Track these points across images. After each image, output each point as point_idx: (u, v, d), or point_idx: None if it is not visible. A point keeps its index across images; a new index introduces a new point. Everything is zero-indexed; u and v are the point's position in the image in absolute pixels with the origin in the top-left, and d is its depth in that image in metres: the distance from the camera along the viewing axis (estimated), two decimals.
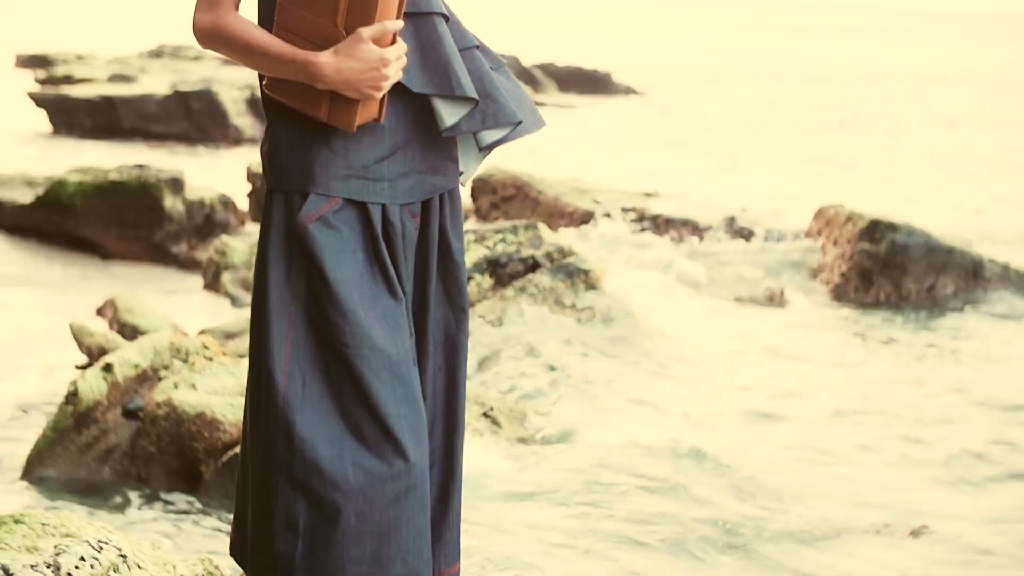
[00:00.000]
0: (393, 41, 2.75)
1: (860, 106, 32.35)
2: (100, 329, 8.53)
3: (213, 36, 2.80)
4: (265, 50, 2.75)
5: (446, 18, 2.89)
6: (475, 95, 2.85)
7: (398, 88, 2.82)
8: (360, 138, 2.82)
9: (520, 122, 2.94)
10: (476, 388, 7.44)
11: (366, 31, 2.70)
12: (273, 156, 2.85)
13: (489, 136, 2.96)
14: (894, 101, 34.06)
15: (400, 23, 2.74)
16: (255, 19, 2.88)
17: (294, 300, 2.79)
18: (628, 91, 34.03)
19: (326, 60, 2.70)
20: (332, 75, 2.70)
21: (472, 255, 8.96)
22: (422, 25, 2.84)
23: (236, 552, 2.97)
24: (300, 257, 2.79)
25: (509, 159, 18.57)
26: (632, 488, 6.35)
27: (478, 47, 2.95)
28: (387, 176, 2.85)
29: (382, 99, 2.78)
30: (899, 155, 22.79)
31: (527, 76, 31.44)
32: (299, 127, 2.82)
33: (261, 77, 2.87)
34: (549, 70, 33.34)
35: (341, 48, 2.70)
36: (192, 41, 32.64)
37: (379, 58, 2.70)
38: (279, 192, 2.83)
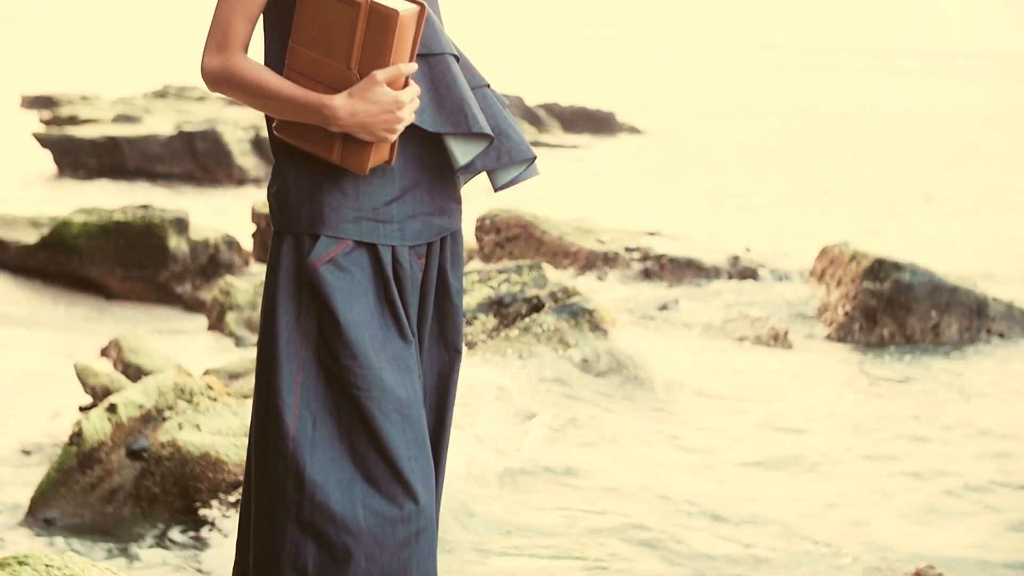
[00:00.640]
0: (406, 84, 2.77)
1: (862, 143, 32.38)
2: (104, 370, 8.53)
3: (222, 80, 2.79)
4: (277, 93, 2.75)
5: (457, 58, 2.91)
6: (490, 131, 2.86)
7: (408, 129, 2.83)
8: (370, 180, 2.82)
9: (535, 157, 2.95)
10: (464, 419, 7.43)
11: (381, 74, 2.70)
12: (282, 198, 2.85)
13: (504, 176, 2.96)
14: (896, 139, 34.10)
15: (414, 66, 2.75)
16: (262, 61, 2.89)
17: (304, 342, 2.79)
18: (632, 130, 34.09)
19: (341, 103, 2.70)
20: (347, 118, 2.70)
21: (476, 295, 8.96)
22: (434, 65, 2.85)
23: None
24: (310, 299, 2.79)
25: (513, 199, 18.59)
26: (623, 532, 6.32)
27: (487, 86, 2.97)
28: (396, 218, 2.85)
29: (394, 141, 2.79)
30: (901, 193, 22.80)
31: (531, 116, 31.49)
32: (308, 169, 2.82)
33: (269, 119, 2.87)
34: (553, 110, 33.40)
35: (356, 91, 2.70)
36: (196, 81, 32.76)
37: (394, 101, 2.71)
38: (288, 234, 2.83)
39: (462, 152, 2.90)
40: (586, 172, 25.12)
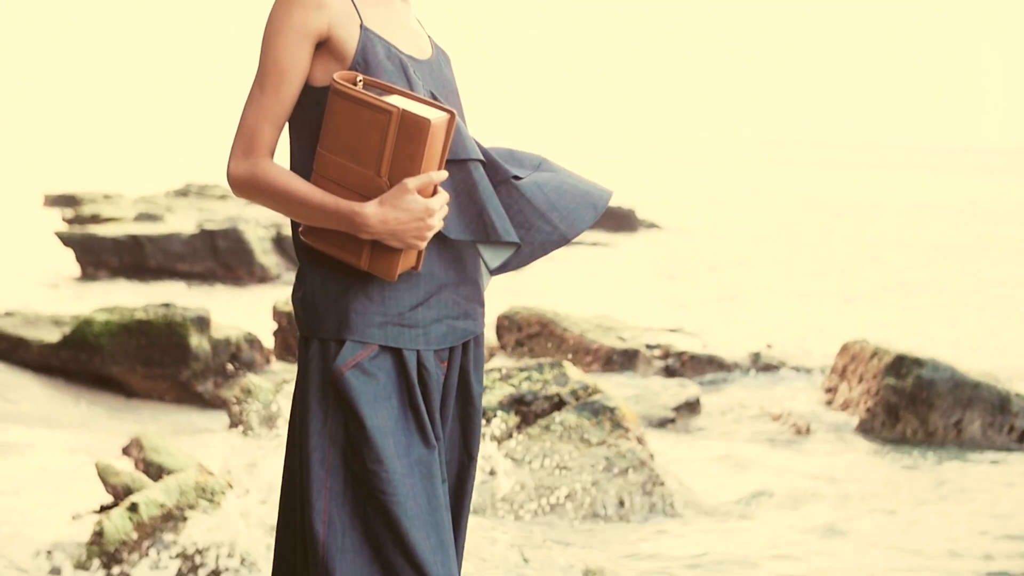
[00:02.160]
0: (434, 191, 2.78)
1: (877, 236, 32.44)
2: (126, 468, 8.51)
3: (250, 186, 2.81)
4: (306, 200, 2.76)
5: (482, 162, 2.92)
6: (514, 238, 2.87)
7: (433, 235, 2.85)
8: (396, 285, 2.84)
9: (574, 236, 2.96)
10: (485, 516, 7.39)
11: (412, 182, 2.71)
12: (308, 303, 2.86)
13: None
14: (914, 232, 34.15)
15: (444, 174, 2.76)
16: (286, 165, 2.90)
17: (331, 447, 2.79)
18: (652, 226, 34.25)
19: (372, 211, 2.71)
20: (378, 225, 2.71)
21: (497, 393, 8.94)
22: (457, 172, 2.87)
23: None
24: (336, 404, 2.79)
25: (534, 296, 18.63)
26: None
27: (515, 177, 2.98)
28: (422, 322, 2.86)
29: (422, 248, 2.79)
30: (920, 287, 22.80)
31: None
32: (334, 274, 2.84)
33: (295, 223, 2.88)
34: None
35: (387, 198, 2.71)
36: (217, 179, 33.07)
37: (424, 209, 2.72)
38: (315, 339, 2.84)
39: (491, 256, 2.92)
40: (607, 269, 25.18)
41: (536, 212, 2.94)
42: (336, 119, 2.73)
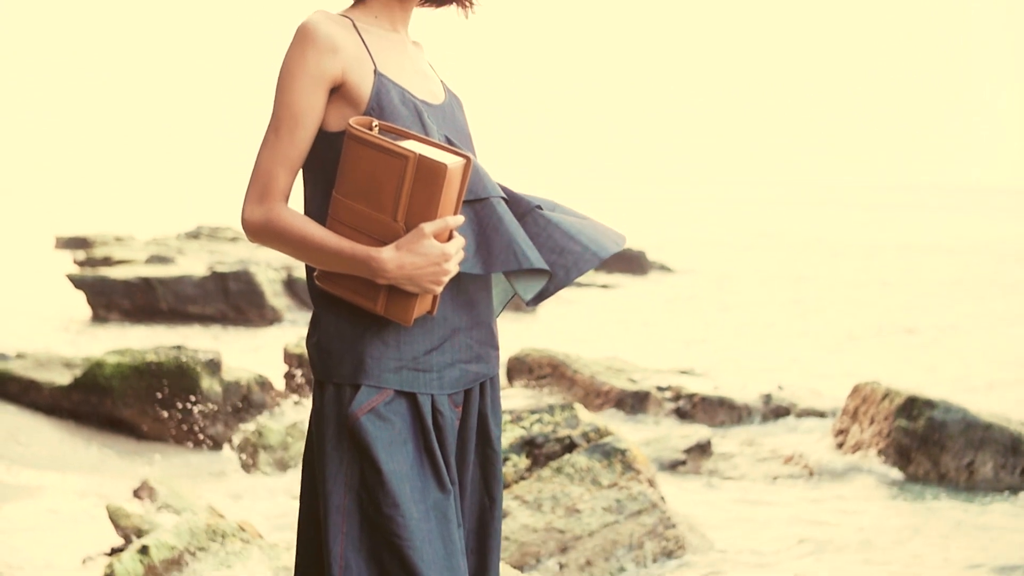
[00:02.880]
0: (450, 236, 2.79)
1: (887, 277, 32.43)
2: (137, 511, 8.51)
3: (265, 232, 2.81)
4: (322, 245, 2.75)
5: (504, 198, 2.93)
6: (544, 265, 2.87)
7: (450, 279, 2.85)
8: (411, 330, 2.84)
9: (605, 257, 2.96)
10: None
11: (428, 227, 2.71)
12: (323, 347, 2.86)
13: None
14: (921, 272, 34.14)
15: (461, 218, 2.77)
16: (300, 210, 2.91)
17: (347, 492, 2.79)
18: (662, 268, 34.29)
19: (388, 256, 2.71)
20: (394, 270, 2.71)
21: (508, 435, 8.93)
22: (480, 209, 2.88)
23: None
24: (352, 448, 2.79)
25: (545, 338, 18.63)
26: None
27: (538, 208, 2.98)
28: (436, 367, 2.86)
29: (437, 293, 2.80)
30: (928, 327, 22.77)
31: None
32: (349, 318, 2.84)
33: (310, 268, 2.89)
34: None
35: (403, 243, 2.71)
36: (228, 222, 33.17)
37: (441, 253, 2.72)
38: (330, 383, 2.84)
39: (525, 288, 2.92)
40: (617, 311, 25.18)
41: (565, 235, 2.94)
42: (352, 164, 2.73)
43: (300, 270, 23.82)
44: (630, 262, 33.74)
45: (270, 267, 23.27)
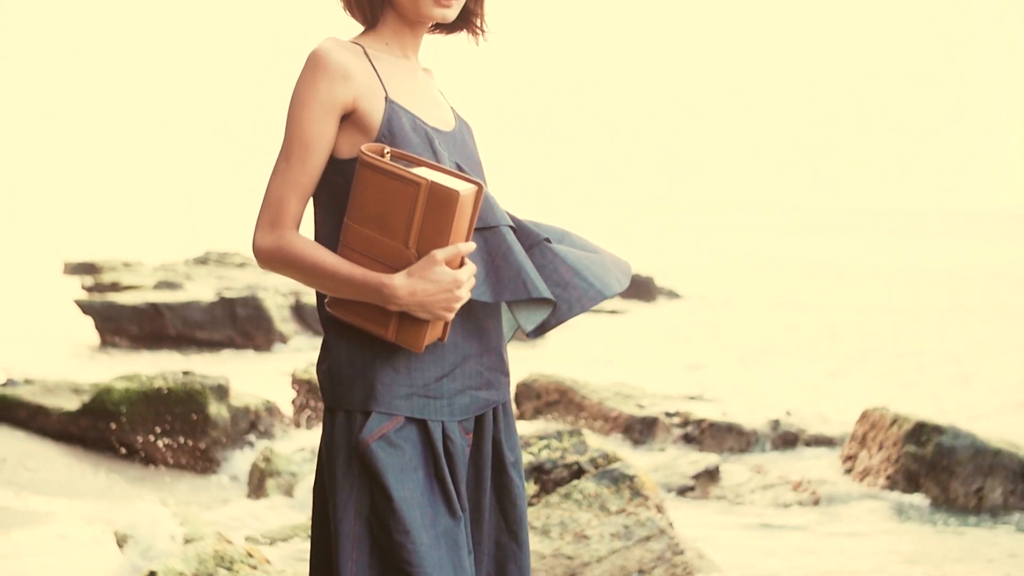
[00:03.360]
0: (462, 262, 2.79)
1: (895, 303, 32.42)
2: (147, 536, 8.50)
3: (276, 259, 2.81)
4: (334, 272, 2.75)
5: (512, 227, 2.94)
6: (550, 295, 2.88)
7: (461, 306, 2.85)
8: (422, 356, 2.84)
9: (610, 295, 2.96)
10: None
11: (440, 253, 2.71)
12: (333, 374, 2.86)
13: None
14: (928, 298, 34.13)
15: (473, 245, 2.77)
16: (310, 236, 2.91)
17: (357, 518, 2.78)
18: (670, 294, 34.29)
19: (400, 282, 2.71)
20: (406, 297, 2.71)
21: None
22: (490, 237, 2.88)
23: None
24: (362, 475, 2.78)
25: (553, 364, 18.62)
26: None
27: (546, 240, 2.99)
28: (446, 393, 2.86)
29: (448, 319, 2.80)
30: (935, 352, 22.75)
31: None
32: (360, 345, 2.84)
33: (320, 295, 2.89)
34: None
35: (415, 270, 2.71)
36: (237, 247, 33.23)
37: (452, 280, 2.72)
38: (340, 410, 2.84)
39: (527, 319, 2.92)
40: (626, 336, 25.17)
41: (571, 270, 2.94)
42: (364, 191, 2.74)
43: (308, 295, 23.84)
44: (638, 288, 33.75)
45: (278, 292, 23.30)
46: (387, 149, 2.79)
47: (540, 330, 2.94)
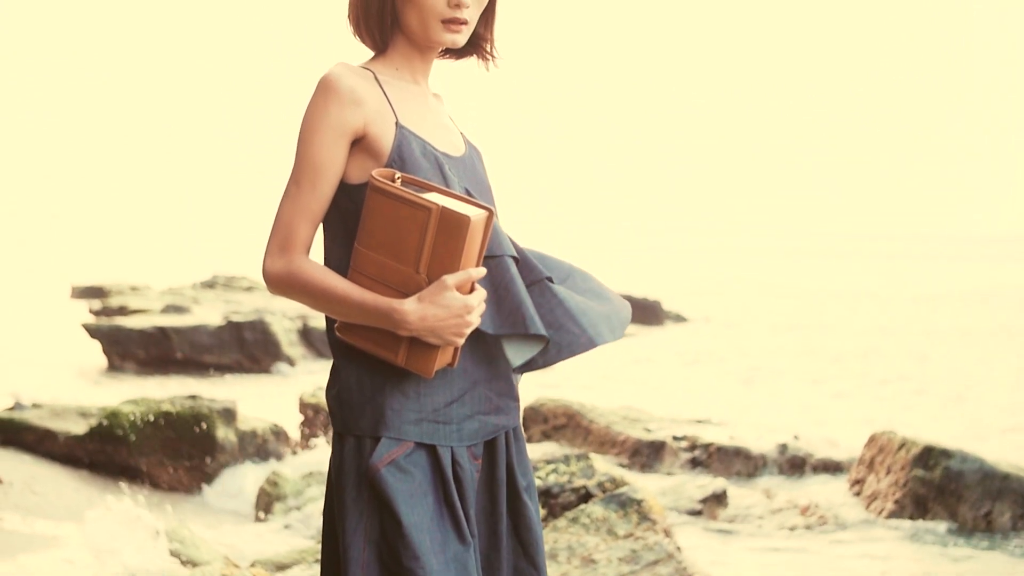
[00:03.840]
0: (472, 288, 2.79)
1: (900, 326, 32.41)
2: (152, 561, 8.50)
3: (286, 284, 2.80)
4: (344, 298, 2.75)
5: (516, 259, 2.94)
6: (545, 332, 2.88)
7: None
8: (431, 382, 2.83)
9: (600, 344, 2.97)
10: None
11: (451, 279, 2.71)
12: (343, 400, 2.85)
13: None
14: (933, 322, 34.11)
15: (483, 270, 2.77)
16: (320, 261, 2.91)
17: (366, 544, 2.77)
18: (678, 318, 34.31)
19: (411, 308, 2.70)
20: (416, 322, 2.71)
21: None
22: (494, 267, 2.88)
23: None
24: (372, 501, 2.78)
25: (560, 388, 18.61)
26: None
27: (548, 279, 2.99)
28: (455, 419, 2.86)
29: (459, 345, 2.80)
30: (939, 375, 22.74)
31: None
32: (369, 370, 2.83)
33: (330, 320, 2.88)
34: None
35: (426, 295, 2.71)
36: (244, 271, 33.26)
37: (463, 305, 2.72)
38: (350, 436, 2.84)
39: (516, 354, 2.92)
40: (633, 361, 25.17)
41: (567, 314, 2.94)
42: (375, 216, 2.73)
43: (315, 319, 23.85)
44: (645, 312, 33.75)
45: (285, 316, 23.32)
46: (398, 174, 2.79)
47: (526, 367, 2.93)
